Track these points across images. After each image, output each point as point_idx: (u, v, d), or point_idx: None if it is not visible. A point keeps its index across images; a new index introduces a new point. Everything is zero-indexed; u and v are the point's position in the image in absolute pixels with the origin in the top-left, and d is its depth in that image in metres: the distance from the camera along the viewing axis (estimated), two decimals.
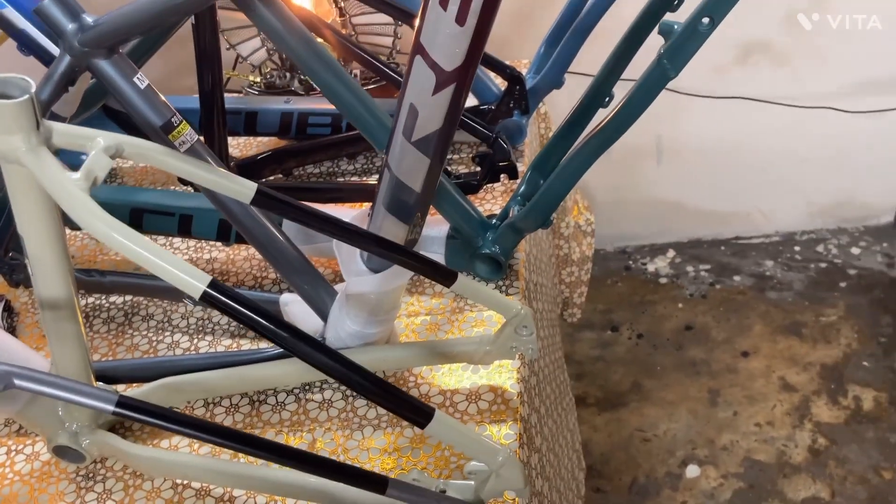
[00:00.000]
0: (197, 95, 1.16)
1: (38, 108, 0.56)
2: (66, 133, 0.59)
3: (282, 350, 0.86)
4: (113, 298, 1.03)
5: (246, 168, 1.15)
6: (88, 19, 0.67)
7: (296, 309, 0.89)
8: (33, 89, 0.55)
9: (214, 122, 1.06)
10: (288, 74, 1.24)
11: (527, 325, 0.77)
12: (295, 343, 0.58)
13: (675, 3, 0.76)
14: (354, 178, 1.18)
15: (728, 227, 2.05)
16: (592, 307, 1.90)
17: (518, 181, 1.06)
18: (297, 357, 0.58)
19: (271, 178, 1.20)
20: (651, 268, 2.04)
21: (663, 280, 2.00)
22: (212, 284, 0.57)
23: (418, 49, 0.62)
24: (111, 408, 0.55)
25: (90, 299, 1.04)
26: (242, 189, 0.65)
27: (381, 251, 0.71)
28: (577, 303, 1.60)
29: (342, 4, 1.17)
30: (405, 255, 0.71)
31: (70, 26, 0.67)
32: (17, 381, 0.54)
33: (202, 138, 1.07)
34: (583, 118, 0.86)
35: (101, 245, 1.14)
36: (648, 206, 2.02)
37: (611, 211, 1.92)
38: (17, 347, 0.80)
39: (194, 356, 0.91)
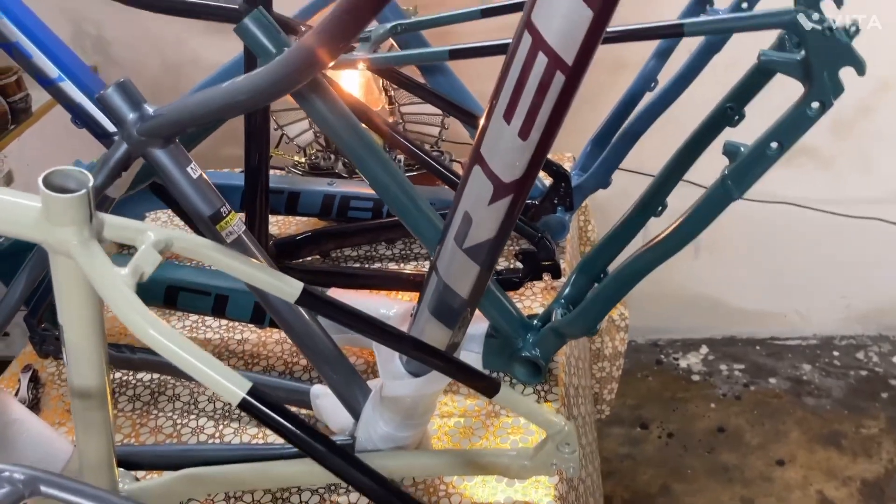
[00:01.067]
0: (239, 171, 1.17)
1: (92, 202, 0.55)
2: (117, 226, 0.58)
3: None
4: (140, 375, 1.01)
5: (285, 248, 1.14)
6: (149, 109, 0.68)
7: (327, 403, 0.86)
8: (91, 183, 0.54)
9: (258, 201, 1.06)
10: (332, 156, 1.25)
11: (569, 443, 0.73)
12: (332, 460, 0.55)
13: (736, 119, 0.75)
14: (392, 265, 1.17)
15: (764, 326, 2.00)
16: (622, 402, 1.84)
17: (561, 280, 1.03)
18: (336, 475, 0.55)
19: (308, 258, 1.19)
20: (683, 364, 1.99)
21: (696, 377, 1.95)
22: (252, 392, 0.55)
23: (477, 158, 0.61)
24: None
25: (117, 374, 1.02)
26: (289, 289, 0.63)
27: (422, 357, 0.68)
28: (607, 399, 1.56)
29: (392, 93, 1.18)
30: (447, 363, 0.68)
31: (131, 116, 0.67)
32: (43, 488, 0.51)
33: (243, 217, 1.07)
34: (634, 225, 0.84)
35: None
36: (683, 299, 1.98)
37: (644, 302, 1.87)
38: (42, 430, 0.78)
39: (219, 447, 0.88)
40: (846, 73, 0.56)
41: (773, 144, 0.60)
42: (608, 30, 0.54)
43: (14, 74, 1.52)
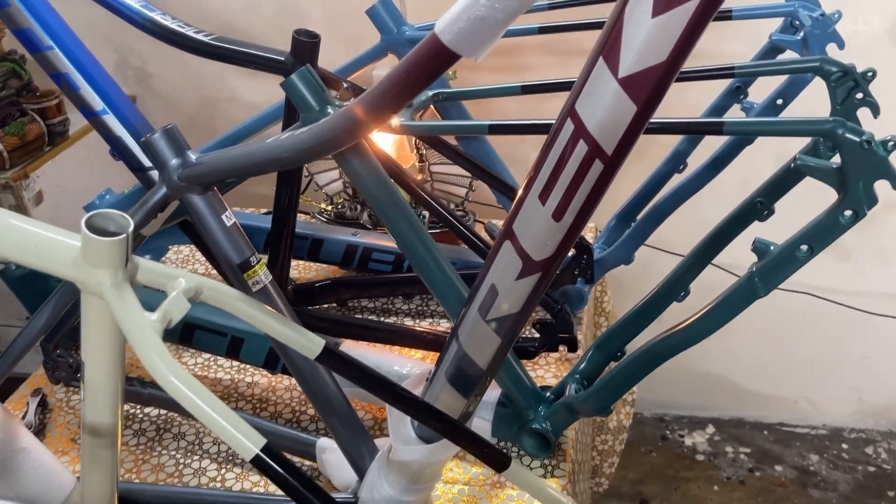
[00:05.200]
0: (264, 212, 1.19)
1: (130, 247, 0.56)
2: (150, 270, 0.58)
3: None
4: (148, 410, 1.01)
5: (303, 293, 1.15)
6: (192, 157, 0.69)
7: (332, 458, 0.86)
8: (131, 228, 0.55)
9: (282, 244, 1.07)
10: (359, 207, 1.26)
11: None
12: None
13: (765, 214, 0.76)
14: (408, 320, 1.17)
15: (773, 411, 1.97)
16: (622, 475, 1.81)
17: (576, 353, 1.03)
18: None
19: (325, 305, 1.19)
20: (688, 441, 1.96)
21: (700, 457, 1.91)
22: (265, 449, 0.55)
23: (509, 234, 0.61)
24: None
25: (125, 406, 1.02)
26: (310, 345, 0.63)
27: (436, 425, 0.68)
28: (607, 472, 1.53)
29: (423, 152, 1.20)
30: (460, 435, 0.68)
31: (173, 161, 0.68)
32: None
33: (266, 260, 1.08)
34: (656, 307, 0.84)
35: None
36: (692, 376, 1.96)
37: (652, 375, 1.86)
38: (47, 461, 0.78)
39: (219, 493, 0.87)
40: None
41: (804, 247, 0.61)
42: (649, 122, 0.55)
43: (56, 98, 1.56)
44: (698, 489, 1.83)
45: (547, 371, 1.04)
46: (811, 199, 0.79)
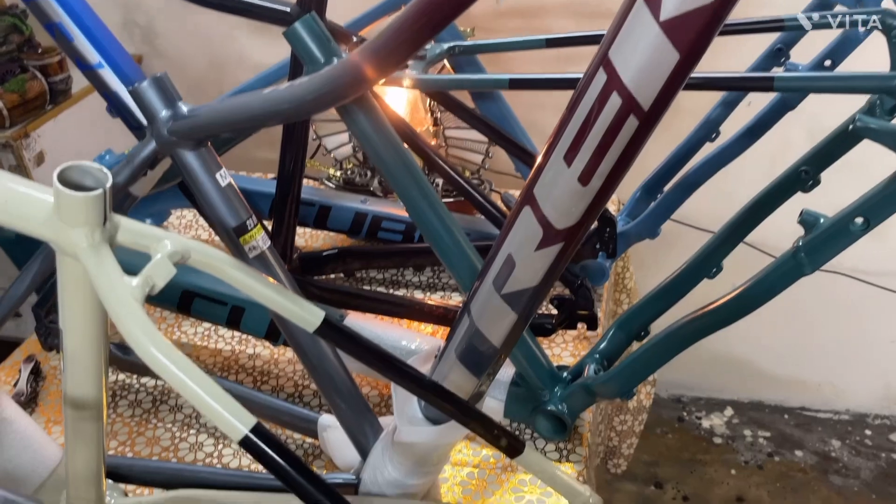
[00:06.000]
0: (271, 177, 1.13)
1: (109, 203, 0.50)
2: (132, 231, 0.53)
3: None
4: (144, 380, 0.97)
5: (310, 262, 1.10)
6: (183, 108, 0.63)
7: (334, 436, 0.81)
8: (108, 183, 0.50)
9: (287, 211, 1.02)
10: (369, 173, 1.20)
11: None
12: None
13: (810, 184, 0.69)
14: (418, 293, 1.12)
15: (795, 395, 1.91)
16: (637, 456, 1.76)
17: (596, 331, 0.97)
18: None
19: (332, 275, 1.14)
20: (706, 424, 1.90)
21: (717, 440, 1.86)
22: (255, 430, 0.50)
23: (529, 200, 0.55)
24: None
25: (120, 376, 0.97)
26: (309, 317, 0.58)
27: (444, 406, 0.63)
28: (625, 454, 1.48)
29: (438, 115, 1.13)
30: (470, 415, 0.63)
31: (163, 113, 0.63)
32: None
33: (269, 224, 1.03)
34: (685, 284, 0.78)
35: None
36: (712, 357, 1.90)
37: None
38: (32, 432, 0.73)
39: (215, 470, 0.83)
40: None
41: (858, 220, 0.54)
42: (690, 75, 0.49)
43: (58, 55, 1.50)
44: (714, 472, 1.77)
45: (564, 350, 0.98)
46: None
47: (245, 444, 0.50)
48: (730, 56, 0.98)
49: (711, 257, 0.76)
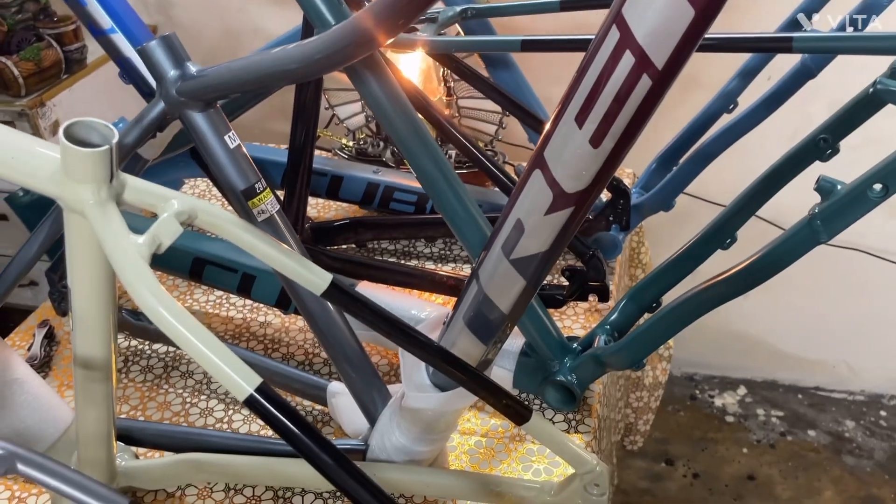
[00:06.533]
0: (284, 147, 1.13)
1: (115, 160, 0.50)
2: (139, 190, 0.53)
3: None
4: (156, 346, 0.97)
5: (321, 232, 1.09)
6: (192, 68, 0.63)
7: (343, 403, 0.81)
8: (115, 140, 0.49)
9: (298, 181, 1.01)
10: (381, 143, 1.20)
11: (599, 484, 0.66)
12: (339, 475, 0.50)
13: (828, 152, 0.68)
14: (429, 264, 1.11)
15: (809, 374, 1.90)
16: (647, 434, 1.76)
17: (607, 304, 0.97)
18: (341, 492, 0.49)
19: (343, 246, 1.14)
20: (718, 402, 1.89)
21: (730, 418, 1.85)
22: (259, 389, 0.50)
23: (539, 163, 0.55)
24: None
25: (132, 342, 0.98)
26: (317, 280, 0.58)
27: (451, 371, 0.62)
28: (642, 430, 1.48)
29: (451, 84, 1.12)
30: (478, 381, 0.62)
31: (171, 73, 0.62)
32: (20, 467, 0.47)
33: (281, 195, 1.02)
34: (697, 256, 0.77)
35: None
36: (725, 335, 1.89)
37: (684, 332, 1.80)
38: (44, 394, 0.74)
39: (225, 435, 0.83)
40: None
41: (877, 186, 0.53)
42: (706, 35, 0.47)
43: (73, 24, 1.50)
44: (726, 451, 1.77)
45: (575, 322, 0.98)
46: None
47: (250, 403, 0.50)
48: (748, 24, 0.96)
49: (725, 227, 0.75)
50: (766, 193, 0.72)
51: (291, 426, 0.50)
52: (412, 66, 1.14)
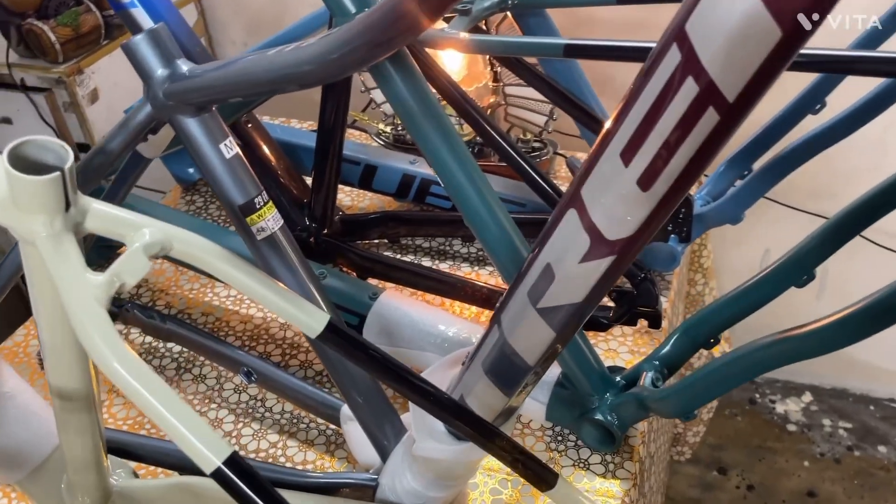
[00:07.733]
0: (314, 130, 1.05)
1: (71, 186, 0.43)
2: (105, 217, 0.46)
3: (325, 482, 0.71)
4: (170, 344, 0.92)
5: (352, 225, 1.02)
6: (183, 67, 0.55)
7: (355, 431, 0.74)
8: (68, 164, 0.42)
9: (327, 168, 0.94)
10: None
11: None
12: None
13: None
14: (465, 267, 1.02)
15: (883, 384, 1.74)
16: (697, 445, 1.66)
17: (660, 329, 0.86)
18: None
19: (375, 240, 1.06)
20: (780, 409, 1.76)
21: (792, 427, 1.72)
22: (229, 461, 0.43)
23: (575, 202, 0.45)
24: None
25: (146, 339, 0.93)
26: (311, 321, 0.50)
27: (464, 428, 0.54)
28: (690, 442, 1.38)
29: (498, 69, 1.01)
30: (493, 441, 0.54)
31: (159, 72, 0.54)
32: None
33: (312, 180, 0.95)
34: (766, 292, 0.66)
35: (178, 275, 1.04)
36: None
37: (749, 332, 1.67)
38: (36, 409, 0.69)
39: None
40: None
41: None
42: None
43: None
44: (786, 462, 1.65)
45: (622, 344, 0.88)
46: None
47: (218, 476, 0.44)
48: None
49: (804, 261, 0.64)
50: (864, 220, 0.60)
51: None
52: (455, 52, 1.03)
